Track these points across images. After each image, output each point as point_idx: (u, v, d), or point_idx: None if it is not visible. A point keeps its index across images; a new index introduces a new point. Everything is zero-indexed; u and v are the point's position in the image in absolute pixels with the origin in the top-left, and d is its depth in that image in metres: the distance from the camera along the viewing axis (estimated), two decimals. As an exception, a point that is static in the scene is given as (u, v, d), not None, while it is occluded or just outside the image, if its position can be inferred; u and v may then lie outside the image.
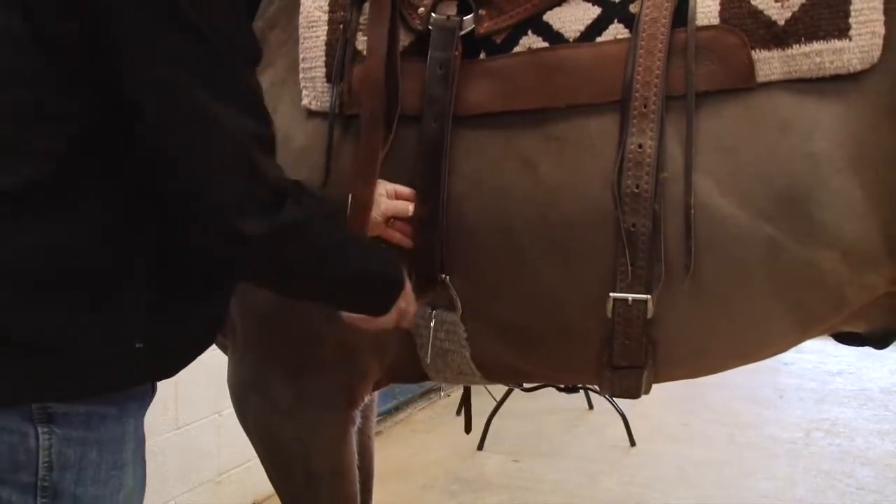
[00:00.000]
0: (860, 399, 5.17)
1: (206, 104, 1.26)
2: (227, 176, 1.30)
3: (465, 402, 4.02)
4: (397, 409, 4.88)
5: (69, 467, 1.32)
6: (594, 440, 4.52)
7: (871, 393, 5.28)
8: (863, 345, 1.89)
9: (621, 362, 1.65)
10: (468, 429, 4.06)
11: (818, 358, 5.90)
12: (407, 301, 1.61)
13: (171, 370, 1.46)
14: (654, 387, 1.74)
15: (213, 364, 3.29)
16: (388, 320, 1.60)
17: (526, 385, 4.15)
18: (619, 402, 4.42)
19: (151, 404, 1.66)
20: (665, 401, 4.95)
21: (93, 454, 1.34)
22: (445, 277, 1.67)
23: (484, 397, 4.17)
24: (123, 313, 1.33)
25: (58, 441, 1.32)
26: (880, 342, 1.84)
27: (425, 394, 5.13)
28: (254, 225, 1.32)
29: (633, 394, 1.73)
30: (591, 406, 4.92)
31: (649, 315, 1.59)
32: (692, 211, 1.54)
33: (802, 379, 5.55)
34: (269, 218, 1.33)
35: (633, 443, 4.44)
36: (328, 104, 1.67)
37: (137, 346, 1.34)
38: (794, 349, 5.66)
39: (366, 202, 1.60)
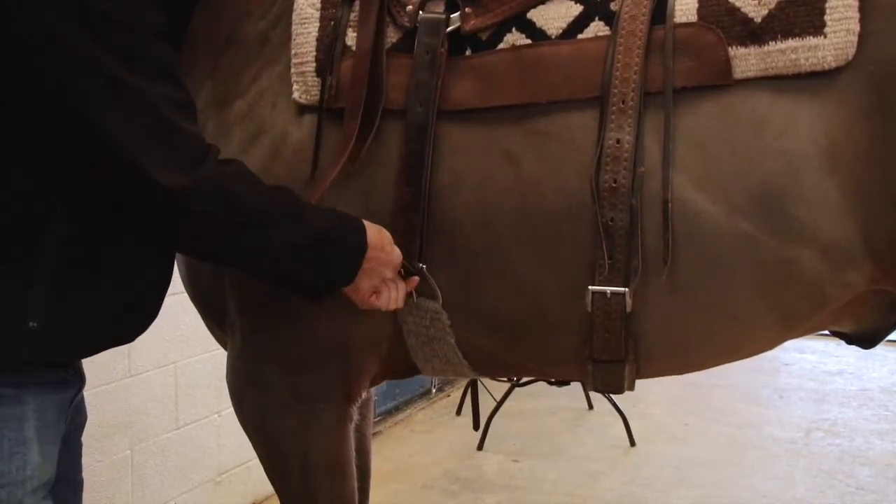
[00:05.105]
0: (860, 399, 5.17)
1: (117, 71, 1.34)
2: (144, 133, 1.37)
3: (473, 397, 4.04)
4: (397, 409, 4.86)
5: None
6: (594, 440, 4.53)
7: (871, 393, 5.28)
8: (851, 343, 1.89)
9: (602, 356, 1.66)
10: (476, 425, 4.07)
11: (818, 358, 5.87)
12: (381, 267, 1.61)
13: (67, 356, 1.49)
14: (654, 387, 1.74)
15: (212, 364, 3.36)
16: (365, 290, 1.61)
17: (520, 380, 4.16)
18: (619, 402, 4.42)
19: (151, 404, 1.67)
20: (665, 401, 4.96)
21: None
22: (422, 266, 1.68)
23: (484, 397, 4.17)
24: (20, 291, 1.38)
25: None
26: (868, 341, 1.84)
27: (425, 394, 5.13)
28: (175, 177, 1.38)
29: (616, 388, 1.74)
30: (591, 406, 4.92)
31: (628, 309, 1.60)
32: (669, 205, 1.55)
33: (802, 379, 5.53)
34: (191, 172, 1.40)
35: (633, 443, 4.44)
36: (317, 98, 1.71)
37: (31, 325, 1.39)
38: (794, 349, 5.60)
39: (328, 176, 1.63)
